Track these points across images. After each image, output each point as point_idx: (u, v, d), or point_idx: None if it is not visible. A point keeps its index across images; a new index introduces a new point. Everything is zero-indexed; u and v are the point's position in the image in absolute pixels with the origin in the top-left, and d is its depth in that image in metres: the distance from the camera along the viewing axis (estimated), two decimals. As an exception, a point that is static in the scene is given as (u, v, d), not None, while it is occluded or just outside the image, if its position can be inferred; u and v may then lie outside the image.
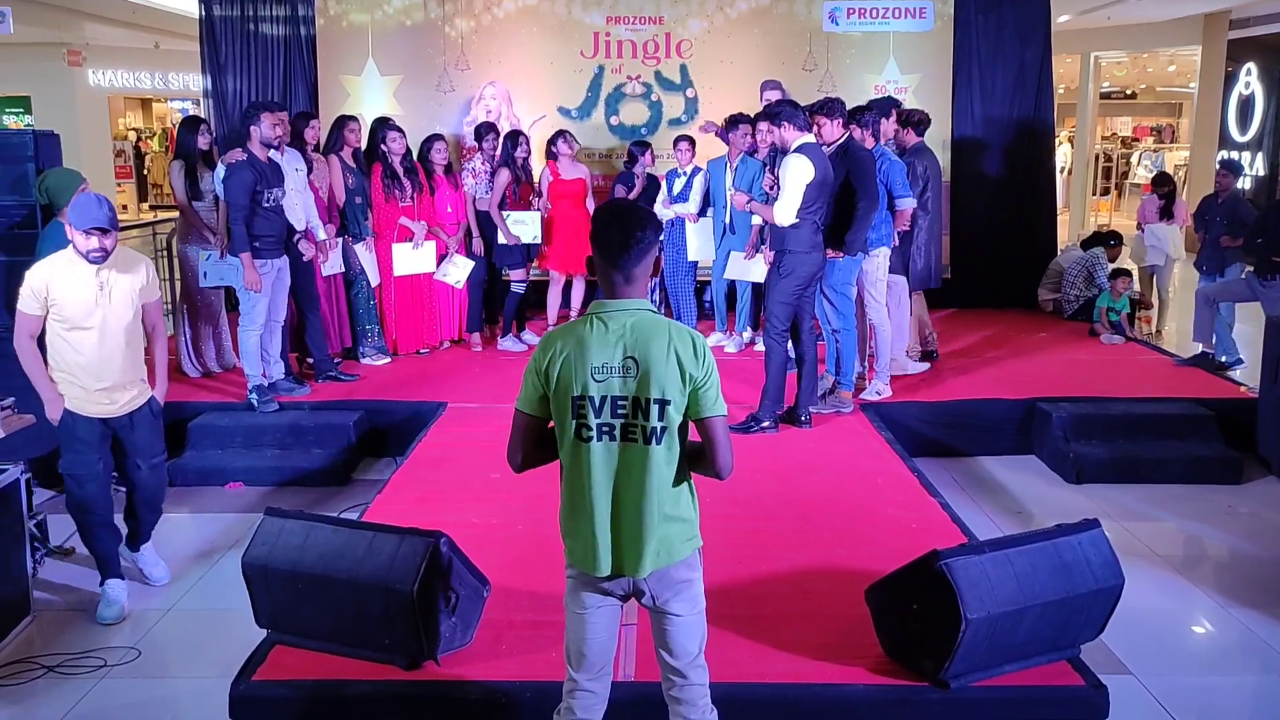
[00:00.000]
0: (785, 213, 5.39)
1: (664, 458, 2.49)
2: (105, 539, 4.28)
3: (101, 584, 4.28)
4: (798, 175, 5.34)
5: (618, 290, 2.53)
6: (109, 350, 4.02)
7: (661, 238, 7.32)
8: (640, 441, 2.48)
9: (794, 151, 5.40)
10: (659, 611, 2.61)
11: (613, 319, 2.49)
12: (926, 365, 6.90)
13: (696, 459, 2.56)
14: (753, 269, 6.99)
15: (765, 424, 5.67)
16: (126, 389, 4.14)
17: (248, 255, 5.79)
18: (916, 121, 6.65)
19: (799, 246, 5.46)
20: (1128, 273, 8.25)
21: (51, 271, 3.93)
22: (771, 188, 5.76)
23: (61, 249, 3.99)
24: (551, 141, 7.41)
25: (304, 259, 6.24)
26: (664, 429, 2.47)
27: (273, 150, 5.97)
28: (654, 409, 2.46)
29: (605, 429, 2.48)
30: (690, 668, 2.65)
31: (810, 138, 5.51)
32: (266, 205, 5.83)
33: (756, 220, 6.76)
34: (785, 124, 5.43)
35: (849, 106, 5.97)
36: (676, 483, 2.54)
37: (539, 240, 7.29)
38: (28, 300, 3.92)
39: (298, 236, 6.19)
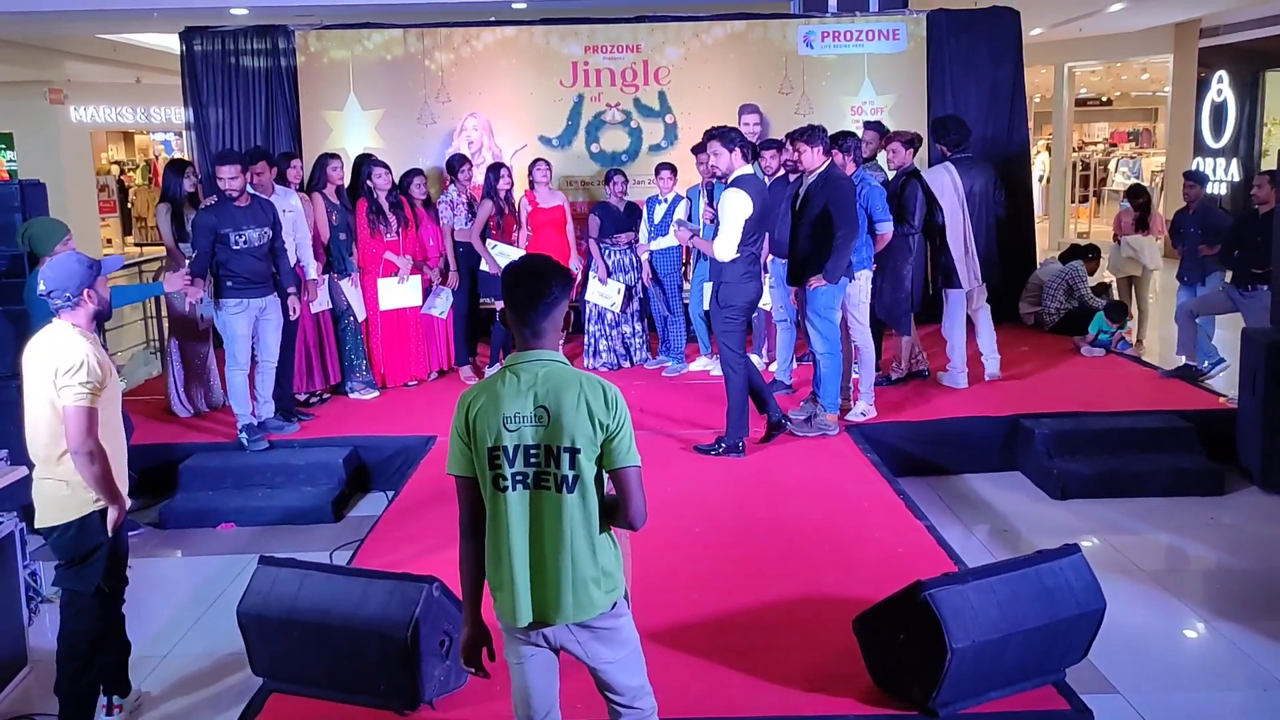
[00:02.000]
0: (725, 249, 5.44)
1: (577, 506, 2.53)
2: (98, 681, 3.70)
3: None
4: (736, 211, 5.38)
5: (527, 343, 2.58)
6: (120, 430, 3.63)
7: (629, 275, 7.42)
8: (553, 489, 2.52)
9: (731, 186, 5.45)
10: (590, 664, 2.65)
11: (525, 370, 2.55)
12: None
13: (611, 511, 2.60)
14: None
15: (724, 447, 5.76)
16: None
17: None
18: (919, 144, 6.75)
19: (732, 278, 5.54)
20: (1124, 309, 8.25)
21: (85, 344, 3.39)
22: (713, 220, 5.78)
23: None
24: (529, 171, 7.49)
25: (292, 316, 6.26)
26: (576, 477, 2.51)
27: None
28: (565, 457, 2.50)
29: (519, 477, 2.52)
30: (635, 699, 2.70)
31: (748, 169, 5.58)
32: (236, 247, 5.83)
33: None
34: (721, 151, 5.49)
35: (827, 129, 6.02)
36: (596, 535, 2.57)
37: None
38: (95, 387, 3.33)
39: (291, 291, 6.22)
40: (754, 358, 7.05)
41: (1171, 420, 6.19)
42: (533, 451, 2.51)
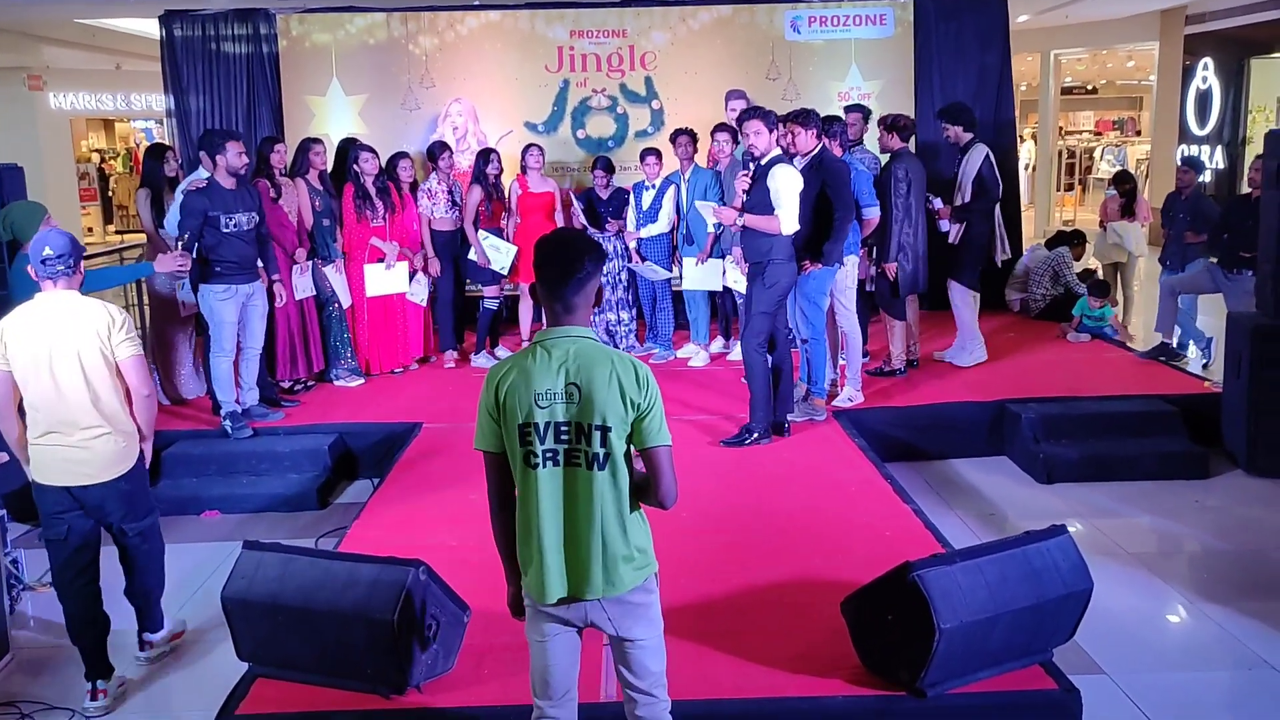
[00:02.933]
0: (791, 221, 5.46)
1: (608, 484, 2.52)
2: None
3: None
4: (792, 185, 5.43)
5: (559, 319, 2.57)
6: None
7: (614, 263, 7.38)
8: (584, 467, 2.51)
9: (778, 162, 5.46)
10: (619, 639, 2.64)
11: (555, 346, 2.52)
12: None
13: (642, 490, 2.59)
14: (709, 278, 7.03)
15: (757, 435, 5.72)
16: None
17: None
18: (901, 126, 6.72)
19: (781, 255, 5.52)
20: (1106, 286, 8.26)
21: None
22: (747, 191, 5.67)
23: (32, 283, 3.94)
24: (521, 155, 7.44)
25: (279, 303, 6.26)
26: (607, 455, 2.50)
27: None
28: (596, 435, 2.48)
29: (550, 454, 2.50)
30: (654, 686, 2.69)
31: (779, 150, 5.57)
32: (225, 230, 5.79)
33: (711, 229, 6.82)
34: (762, 130, 5.48)
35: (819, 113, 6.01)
36: (627, 512, 2.56)
37: (506, 272, 7.29)
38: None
39: (276, 278, 6.18)
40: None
41: (1157, 404, 6.21)
42: (564, 428, 2.49)
